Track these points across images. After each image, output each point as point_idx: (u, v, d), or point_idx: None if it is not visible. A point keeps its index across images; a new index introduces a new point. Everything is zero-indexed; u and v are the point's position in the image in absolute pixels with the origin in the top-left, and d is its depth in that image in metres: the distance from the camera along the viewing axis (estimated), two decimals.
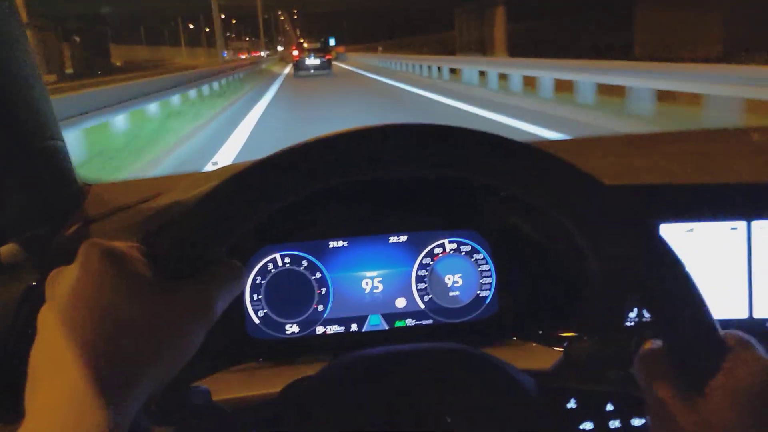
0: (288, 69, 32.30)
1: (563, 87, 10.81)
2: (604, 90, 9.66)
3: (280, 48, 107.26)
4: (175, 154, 7.61)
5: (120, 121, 8.79)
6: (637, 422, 0.59)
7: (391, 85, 17.89)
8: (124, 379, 0.35)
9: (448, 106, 11.45)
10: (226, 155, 7.06)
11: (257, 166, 0.40)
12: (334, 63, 33.41)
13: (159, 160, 7.23)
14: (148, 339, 0.37)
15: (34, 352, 0.38)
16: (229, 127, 9.42)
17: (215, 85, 16.52)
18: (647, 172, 0.84)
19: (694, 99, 7.70)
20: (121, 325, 0.36)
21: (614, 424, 0.59)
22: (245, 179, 0.40)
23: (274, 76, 25.57)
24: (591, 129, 7.75)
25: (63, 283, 0.39)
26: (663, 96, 8.41)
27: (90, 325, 0.36)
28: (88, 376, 0.34)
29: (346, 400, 0.56)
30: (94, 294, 0.37)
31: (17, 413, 0.36)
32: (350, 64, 38.00)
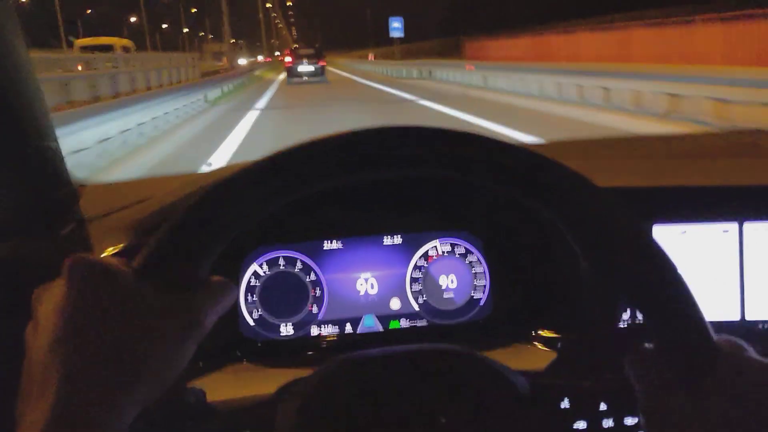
0: None
1: None
2: None
3: (277, 53, 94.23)
4: None
5: None
6: (630, 421, 0.59)
7: None
8: (111, 403, 0.34)
9: None
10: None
11: (245, 171, 0.40)
12: None
13: None
14: (134, 361, 0.35)
15: (25, 369, 0.36)
16: None
17: None
18: (640, 173, 0.84)
19: None
20: (107, 346, 0.35)
21: (607, 423, 0.60)
22: (233, 186, 0.40)
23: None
24: None
25: (47, 302, 0.37)
26: None
27: (75, 348, 0.35)
28: (75, 402, 0.33)
29: (340, 401, 0.56)
30: (78, 315, 0.36)
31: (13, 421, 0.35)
32: None
